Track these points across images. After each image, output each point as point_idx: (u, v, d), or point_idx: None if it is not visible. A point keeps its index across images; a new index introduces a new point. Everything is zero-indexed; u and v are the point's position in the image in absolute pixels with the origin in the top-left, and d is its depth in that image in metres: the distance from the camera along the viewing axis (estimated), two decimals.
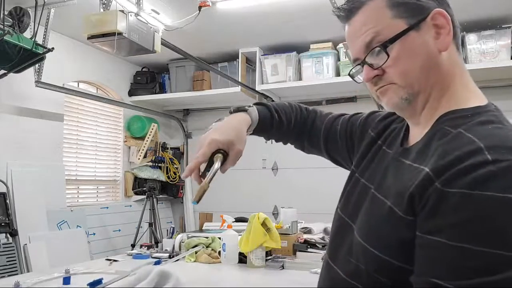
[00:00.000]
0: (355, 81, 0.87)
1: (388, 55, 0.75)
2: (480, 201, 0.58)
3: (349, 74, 0.87)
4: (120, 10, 2.19)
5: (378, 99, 0.82)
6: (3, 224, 2.84)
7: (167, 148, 4.78)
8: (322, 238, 2.21)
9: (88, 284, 1.54)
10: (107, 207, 4.00)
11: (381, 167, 0.83)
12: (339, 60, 3.76)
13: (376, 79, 0.78)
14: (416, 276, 0.64)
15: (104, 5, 2.34)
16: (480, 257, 0.56)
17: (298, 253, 2.16)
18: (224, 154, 0.89)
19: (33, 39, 2.65)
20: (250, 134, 1.09)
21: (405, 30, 0.74)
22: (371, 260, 0.72)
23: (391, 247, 0.69)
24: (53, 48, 2.80)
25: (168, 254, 2.25)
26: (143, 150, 4.37)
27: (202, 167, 0.89)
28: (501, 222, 0.57)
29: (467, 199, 0.59)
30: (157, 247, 2.47)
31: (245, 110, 1.02)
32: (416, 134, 0.80)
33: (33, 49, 2.66)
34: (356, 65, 0.82)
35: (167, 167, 4.68)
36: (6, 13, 2.56)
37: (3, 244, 2.81)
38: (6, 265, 2.76)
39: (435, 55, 0.76)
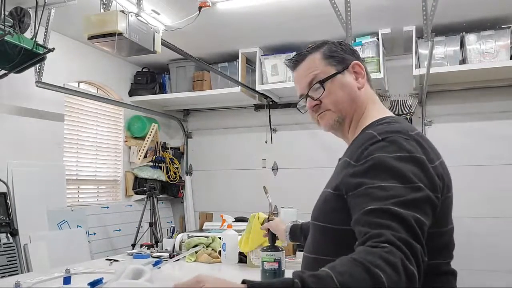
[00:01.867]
0: (300, 111, 1.24)
1: (324, 89, 1.11)
2: (378, 160, 0.89)
3: (296, 107, 1.24)
4: (120, 11, 2.19)
5: (318, 123, 1.17)
6: (3, 224, 2.85)
7: (167, 148, 4.79)
8: None
9: (88, 284, 1.54)
10: (108, 207, 4.00)
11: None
12: None
13: (316, 108, 1.14)
14: (354, 216, 0.86)
15: (104, 6, 2.34)
16: (389, 189, 0.83)
17: (298, 253, 2.16)
18: None
19: (33, 40, 2.66)
20: None
21: (335, 74, 1.12)
22: (318, 230, 1.03)
23: (327, 215, 1.00)
24: (53, 49, 2.81)
25: (168, 254, 2.26)
26: (143, 150, 4.38)
27: None
28: (397, 168, 0.86)
29: (370, 162, 0.90)
30: (157, 246, 2.48)
31: None
32: (348, 146, 1.14)
33: (34, 49, 2.66)
34: (301, 100, 1.18)
35: (167, 167, 4.69)
36: (6, 13, 2.57)
37: (3, 244, 2.81)
38: (7, 265, 2.77)
39: (355, 91, 1.12)
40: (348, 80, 1.12)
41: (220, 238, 2.22)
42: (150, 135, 4.42)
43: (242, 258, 2.12)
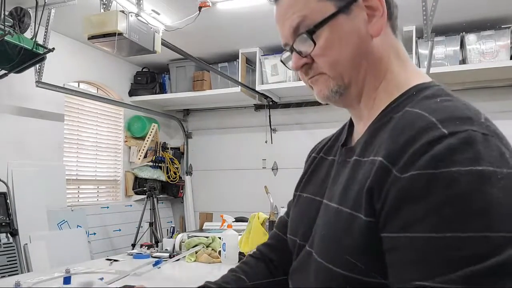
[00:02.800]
0: (287, 67, 0.81)
1: (315, 43, 0.67)
2: (448, 180, 0.50)
3: (280, 60, 0.81)
4: (120, 11, 2.19)
5: (312, 89, 0.74)
6: (3, 224, 2.85)
7: (168, 148, 4.79)
8: None
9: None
10: (108, 207, 4.00)
11: (323, 175, 0.77)
12: None
13: (306, 68, 0.71)
14: (395, 284, 0.53)
15: (104, 6, 2.34)
16: (464, 244, 0.47)
17: None
18: None
19: (33, 40, 2.66)
20: None
21: (333, 14, 0.66)
22: (338, 282, 0.60)
23: (358, 260, 0.58)
24: (53, 49, 2.81)
25: (168, 254, 2.26)
26: (143, 150, 4.38)
27: None
28: (477, 200, 0.49)
29: (433, 181, 0.50)
30: (157, 246, 2.48)
31: None
32: (360, 129, 0.73)
33: (34, 49, 2.66)
34: (285, 51, 0.76)
35: (167, 167, 4.69)
36: (6, 13, 2.57)
37: (3, 244, 2.81)
38: (7, 265, 2.77)
39: (366, 41, 0.68)
40: (356, 24, 0.67)
41: (220, 238, 2.22)
42: (150, 135, 4.42)
43: (242, 258, 2.12)
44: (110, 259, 2.21)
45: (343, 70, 0.68)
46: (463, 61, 3.48)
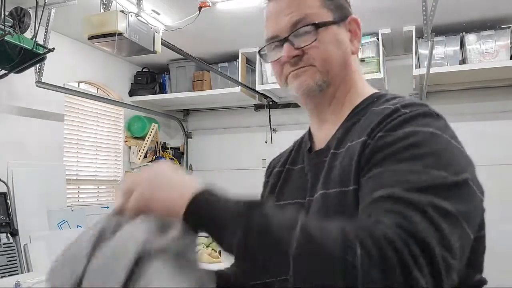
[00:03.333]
0: (264, 60, 0.87)
1: (317, 37, 0.77)
2: (406, 134, 0.63)
3: (259, 52, 0.87)
4: (120, 11, 2.19)
5: (285, 82, 0.83)
6: (3, 224, 2.85)
7: (168, 148, 4.79)
8: None
9: None
10: (108, 207, 4.00)
11: (296, 182, 0.85)
12: None
13: (296, 59, 0.79)
14: (362, 198, 0.63)
15: (104, 6, 2.34)
16: (425, 172, 0.59)
17: None
18: None
19: (33, 40, 2.66)
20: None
21: (331, 21, 0.80)
22: None
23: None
24: (53, 49, 2.81)
25: None
26: (143, 150, 4.38)
27: None
28: (431, 145, 0.62)
29: (395, 137, 0.64)
30: None
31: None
32: (324, 132, 0.84)
33: (34, 49, 2.66)
34: (271, 43, 0.82)
35: None
36: (6, 13, 2.57)
37: (3, 244, 2.81)
38: (7, 265, 2.76)
39: (349, 54, 0.83)
40: (343, 37, 0.82)
41: None
42: (150, 135, 4.42)
43: None
44: None
45: (331, 68, 0.80)
46: (463, 61, 3.48)
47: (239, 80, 3.98)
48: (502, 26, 3.34)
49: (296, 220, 0.55)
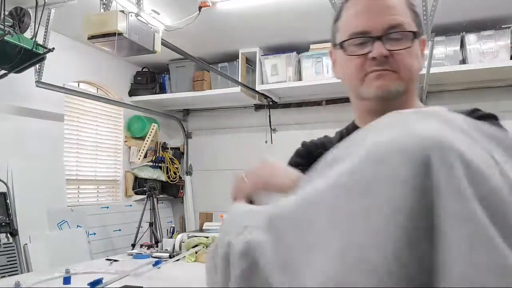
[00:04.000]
0: (344, 51, 0.84)
1: (412, 45, 0.80)
2: None
3: (341, 44, 0.84)
4: (120, 10, 2.19)
5: (361, 80, 0.82)
6: (3, 224, 2.85)
7: (167, 148, 4.79)
8: None
9: (88, 284, 1.54)
10: (108, 207, 4.00)
11: None
12: None
13: (384, 60, 0.79)
14: None
15: (104, 5, 2.34)
16: None
17: None
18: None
19: (33, 39, 2.66)
20: None
21: (418, 33, 0.82)
22: None
23: None
24: (53, 48, 2.81)
25: (168, 254, 2.26)
26: (143, 150, 4.38)
27: None
28: None
29: None
30: (157, 246, 2.48)
31: None
32: None
33: (34, 49, 2.66)
34: (358, 37, 0.81)
35: (167, 167, 4.69)
36: (6, 13, 2.57)
37: (3, 244, 2.81)
38: (7, 265, 2.77)
39: (419, 68, 0.85)
40: (419, 53, 0.85)
41: None
42: (150, 135, 4.42)
43: None
44: (110, 259, 2.21)
45: (411, 78, 0.82)
46: (463, 61, 3.48)
47: (239, 80, 3.98)
48: (502, 26, 3.34)
49: None
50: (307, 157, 0.95)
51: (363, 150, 0.46)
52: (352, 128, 0.92)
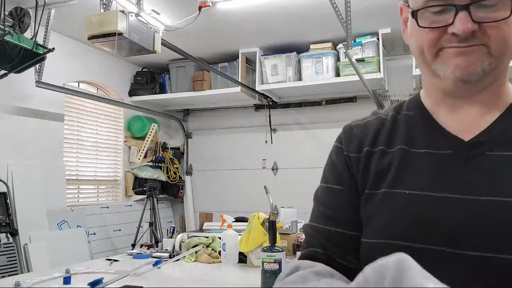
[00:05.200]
0: (418, 20, 0.67)
1: (511, 14, 0.62)
2: None
3: (414, 11, 0.67)
4: (120, 11, 2.19)
5: (435, 56, 0.66)
6: (3, 224, 2.85)
7: (167, 148, 4.79)
8: None
9: (88, 284, 1.54)
10: (108, 207, 4.00)
11: (428, 169, 0.68)
12: (339, 61, 3.76)
13: (469, 35, 0.63)
14: None
15: (104, 6, 2.34)
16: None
17: (298, 253, 2.16)
18: None
19: (33, 40, 2.66)
20: None
21: None
22: None
23: None
24: (53, 49, 2.81)
25: (168, 254, 2.26)
26: (143, 150, 4.38)
27: None
28: None
29: None
30: (157, 246, 2.48)
31: None
32: (466, 120, 0.69)
33: (34, 49, 2.66)
34: (435, 6, 0.64)
35: (167, 167, 4.69)
36: (6, 13, 2.57)
37: (3, 244, 2.81)
38: (7, 265, 2.77)
39: None
40: None
41: (220, 238, 2.22)
42: (150, 135, 4.42)
43: (242, 258, 2.12)
44: (110, 259, 2.21)
45: (505, 52, 0.65)
46: None
47: (239, 80, 3.98)
48: None
49: None
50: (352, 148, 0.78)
51: None
52: (414, 105, 0.77)
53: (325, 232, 0.74)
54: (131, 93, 4.40)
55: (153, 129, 4.45)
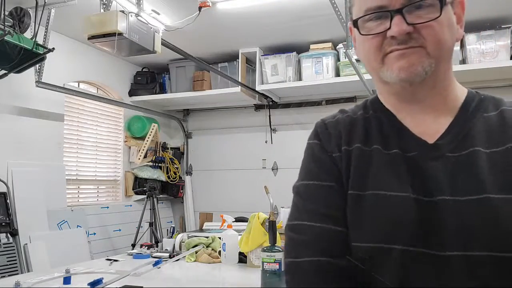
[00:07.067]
0: (359, 30, 0.71)
1: (441, 13, 0.66)
2: None
3: (355, 20, 0.72)
4: (120, 11, 2.19)
5: (381, 62, 0.70)
6: (3, 224, 2.85)
7: (167, 148, 4.79)
8: None
9: (88, 284, 1.54)
10: (108, 207, 4.00)
11: (398, 170, 0.70)
12: (339, 61, 3.76)
13: (405, 37, 0.67)
14: None
15: (104, 6, 2.34)
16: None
17: None
18: None
19: (33, 40, 2.66)
20: None
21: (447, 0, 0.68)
22: None
23: None
24: (53, 49, 2.81)
25: (168, 254, 2.26)
26: (143, 150, 4.38)
27: None
28: None
29: None
30: (157, 246, 2.48)
31: None
32: (424, 123, 0.72)
33: (34, 49, 2.66)
34: (373, 13, 0.69)
35: (167, 167, 4.69)
36: (6, 13, 2.57)
37: (3, 244, 2.81)
38: (7, 265, 2.77)
39: (454, 40, 0.71)
40: (453, 20, 0.71)
41: (220, 238, 2.22)
42: (150, 135, 4.42)
43: (242, 258, 2.12)
44: (110, 259, 2.21)
45: (442, 53, 0.69)
46: (463, 61, 3.48)
47: (239, 80, 3.98)
48: (502, 26, 3.34)
49: None
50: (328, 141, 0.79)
51: None
52: (378, 107, 0.79)
53: (325, 231, 0.71)
54: (131, 93, 4.40)
55: (153, 129, 4.45)
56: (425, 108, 0.72)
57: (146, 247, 2.43)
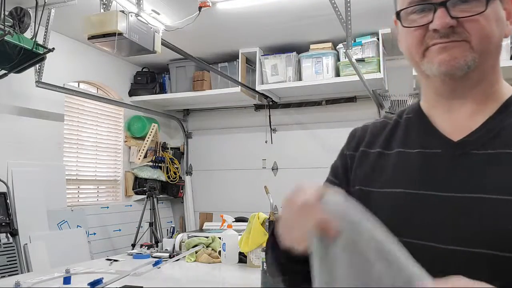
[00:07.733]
0: (401, 22, 0.71)
1: (487, 7, 0.64)
2: None
3: (398, 14, 0.71)
4: (120, 11, 2.19)
5: (422, 55, 0.69)
6: (3, 224, 2.85)
7: (167, 148, 4.79)
8: None
9: (88, 284, 1.55)
10: (108, 207, 4.00)
11: (415, 167, 0.71)
12: (339, 61, 3.76)
13: (448, 30, 0.65)
14: None
15: (104, 6, 2.34)
16: None
17: None
18: None
19: (33, 40, 2.66)
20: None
21: None
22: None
23: None
24: (53, 49, 2.81)
25: (168, 254, 2.26)
26: (143, 150, 4.38)
27: None
28: None
29: None
30: (157, 246, 2.48)
31: None
32: (459, 120, 0.71)
33: (34, 49, 2.66)
34: (417, 5, 0.68)
35: (167, 167, 4.69)
36: (6, 13, 2.57)
37: (3, 244, 2.81)
38: (7, 265, 2.77)
39: (502, 36, 0.69)
40: (502, 15, 0.68)
41: (220, 238, 2.22)
42: (150, 135, 4.42)
43: (242, 258, 2.12)
44: (110, 259, 2.21)
45: (487, 48, 0.67)
46: None
47: (239, 80, 3.98)
48: None
49: None
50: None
51: None
52: (412, 108, 0.81)
53: None
54: (131, 93, 4.40)
55: (153, 129, 4.45)
56: (464, 105, 0.71)
57: (146, 247, 2.43)
